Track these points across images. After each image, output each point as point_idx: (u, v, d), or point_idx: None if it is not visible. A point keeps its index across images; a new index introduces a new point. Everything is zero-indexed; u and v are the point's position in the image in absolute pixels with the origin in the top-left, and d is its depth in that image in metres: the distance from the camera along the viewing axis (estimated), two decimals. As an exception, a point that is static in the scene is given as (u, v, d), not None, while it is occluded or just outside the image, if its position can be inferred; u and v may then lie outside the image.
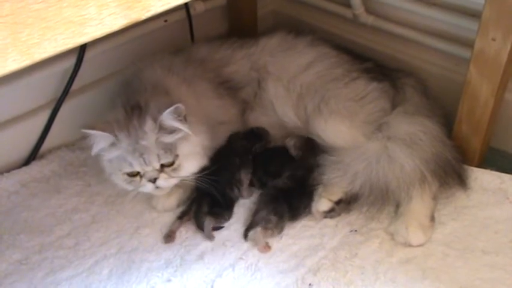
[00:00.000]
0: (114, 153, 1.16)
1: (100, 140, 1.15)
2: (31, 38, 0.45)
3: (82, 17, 0.48)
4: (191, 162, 1.21)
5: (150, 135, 1.14)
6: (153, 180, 1.17)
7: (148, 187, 1.18)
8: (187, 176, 1.21)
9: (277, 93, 1.41)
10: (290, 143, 1.36)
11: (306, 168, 1.29)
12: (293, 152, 1.35)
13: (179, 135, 1.17)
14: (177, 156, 1.17)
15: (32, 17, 0.45)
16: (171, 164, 1.17)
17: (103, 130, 1.13)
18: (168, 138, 1.16)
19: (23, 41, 0.45)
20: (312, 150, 1.31)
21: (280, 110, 1.41)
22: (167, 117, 1.14)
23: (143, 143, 1.14)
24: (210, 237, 1.19)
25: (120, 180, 1.20)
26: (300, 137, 1.36)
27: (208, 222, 1.19)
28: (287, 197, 1.23)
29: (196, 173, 1.22)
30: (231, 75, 1.43)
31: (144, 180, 1.17)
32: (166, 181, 1.18)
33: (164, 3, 0.53)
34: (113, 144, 1.15)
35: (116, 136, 1.14)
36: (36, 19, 0.45)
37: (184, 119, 1.17)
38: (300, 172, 1.29)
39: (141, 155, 1.14)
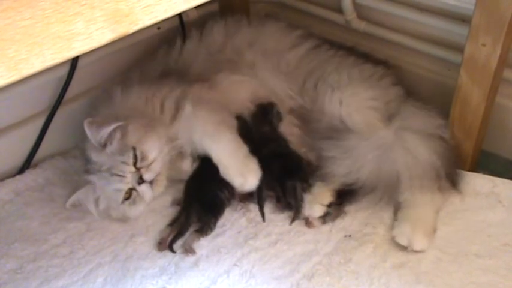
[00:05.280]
0: (103, 203, 1.23)
1: (85, 197, 1.23)
2: (19, 53, 0.46)
3: (69, 32, 0.48)
4: (148, 143, 1.22)
5: (101, 158, 1.19)
6: (142, 180, 1.20)
7: (145, 189, 1.21)
8: (157, 156, 1.22)
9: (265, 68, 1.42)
10: None
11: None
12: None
13: (117, 137, 1.19)
14: (134, 147, 1.19)
15: (20, 33, 0.45)
16: (136, 157, 1.19)
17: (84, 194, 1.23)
18: (113, 145, 1.19)
19: (10, 56, 0.45)
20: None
21: (271, 83, 1.41)
22: (93, 134, 1.18)
23: (104, 167, 1.18)
24: (192, 252, 1.19)
25: (131, 212, 1.24)
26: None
27: (192, 239, 1.20)
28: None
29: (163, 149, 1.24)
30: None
31: (139, 187, 1.20)
32: (150, 172, 1.21)
33: (152, 17, 0.53)
34: (93, 191, 1.22)
35: (91, 182, 1.22)
36: (23, 35, 0.46)
37: (104, 123, 1.19)
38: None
39: (112, 174, 1.18)
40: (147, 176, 1.20)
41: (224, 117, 1.28)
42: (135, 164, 1.19)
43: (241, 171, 1.20)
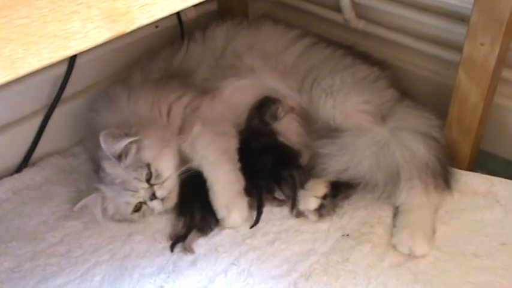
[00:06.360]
0: (110, 210, 1.24)
1: (93, 204, 1.23)
2: (15, 52, 0.46)
3: (66, 31, 0.48)
4: (163, 161, 1.22)
5: (115, 171, 1.18)
6: (154, 197, 1.20)
7: (156, 204, 1.21)
8: (172, 174, 1.22)
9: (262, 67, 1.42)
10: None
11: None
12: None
13: (132, 152, 1.19)
14: (149, 164, 1.19)
15: (16, 32, 0.45)
16: (151, 174, 1.19)
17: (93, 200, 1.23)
18: (128, 159, 1.19)
19: (6, 55, 0.45)
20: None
21: (270, 82, 1.41)
22: (109, 147, 1.17)
23: (117, 181, 1.18)
24: (191, 251, 1.19)
25: (138, 221, 1.25)
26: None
27: (191, 238, 1.20)
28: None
29: (180, 168, 1.24)
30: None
31: (150, 202, 1.21)
32: (163, 190, 1.21)
33: (149, 16, 0.53)
34: (102, 201, 1.23)
35: (100, 190, 1.22)
36: (20, 34, 0.45)
37: (120, 135, 1.18)
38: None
39: (125, 189, 1.18)
40: (159, 194, 1.21)
41: (229, 145, 1.29)
42: (148, 181, 1.20)
43: (228, 205, 1.21)
